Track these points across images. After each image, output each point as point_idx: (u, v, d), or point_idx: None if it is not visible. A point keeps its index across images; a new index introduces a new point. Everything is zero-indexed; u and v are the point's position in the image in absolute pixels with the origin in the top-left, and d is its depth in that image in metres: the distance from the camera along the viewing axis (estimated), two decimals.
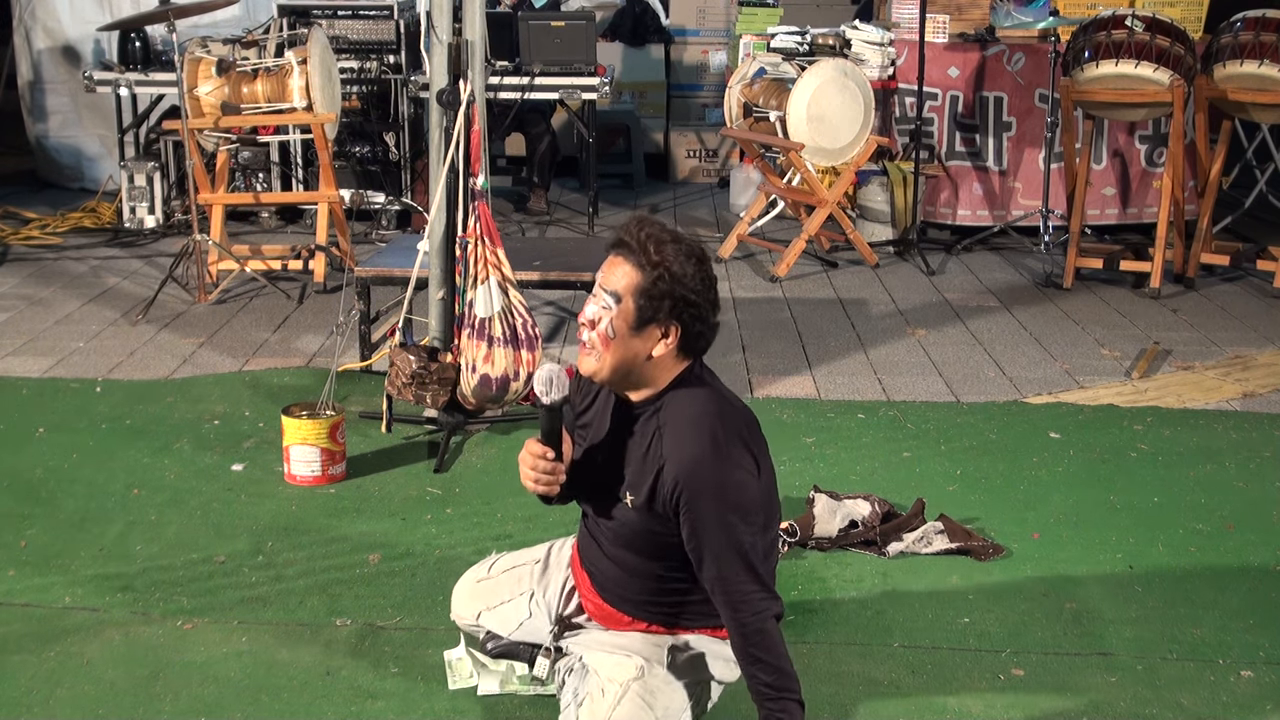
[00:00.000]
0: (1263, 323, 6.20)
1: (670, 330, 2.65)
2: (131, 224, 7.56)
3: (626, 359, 2.67)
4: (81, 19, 8.40)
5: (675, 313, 2.64)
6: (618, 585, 2.85)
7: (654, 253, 2.63)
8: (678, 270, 2.63)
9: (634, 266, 2.64)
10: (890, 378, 5.39)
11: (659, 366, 2.69)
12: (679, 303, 2.64)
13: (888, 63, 7.62)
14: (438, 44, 4.58)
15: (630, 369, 2.68)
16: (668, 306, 2.63)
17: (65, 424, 4.78)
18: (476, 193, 4.52)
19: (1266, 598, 3.63)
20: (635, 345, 2.66)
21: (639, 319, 2.64)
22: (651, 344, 2.66)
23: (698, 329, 2.68)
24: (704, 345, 2.72)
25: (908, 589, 3.66)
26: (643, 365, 2.68)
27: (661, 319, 2.64)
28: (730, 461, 2.63)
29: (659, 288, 2.62)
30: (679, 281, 2.63)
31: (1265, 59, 6.30)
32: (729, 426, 2.67)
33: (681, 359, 2.71)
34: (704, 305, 2.66)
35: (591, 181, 8.00)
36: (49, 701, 3.10)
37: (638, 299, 2.63)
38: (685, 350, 2.70)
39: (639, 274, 2.63)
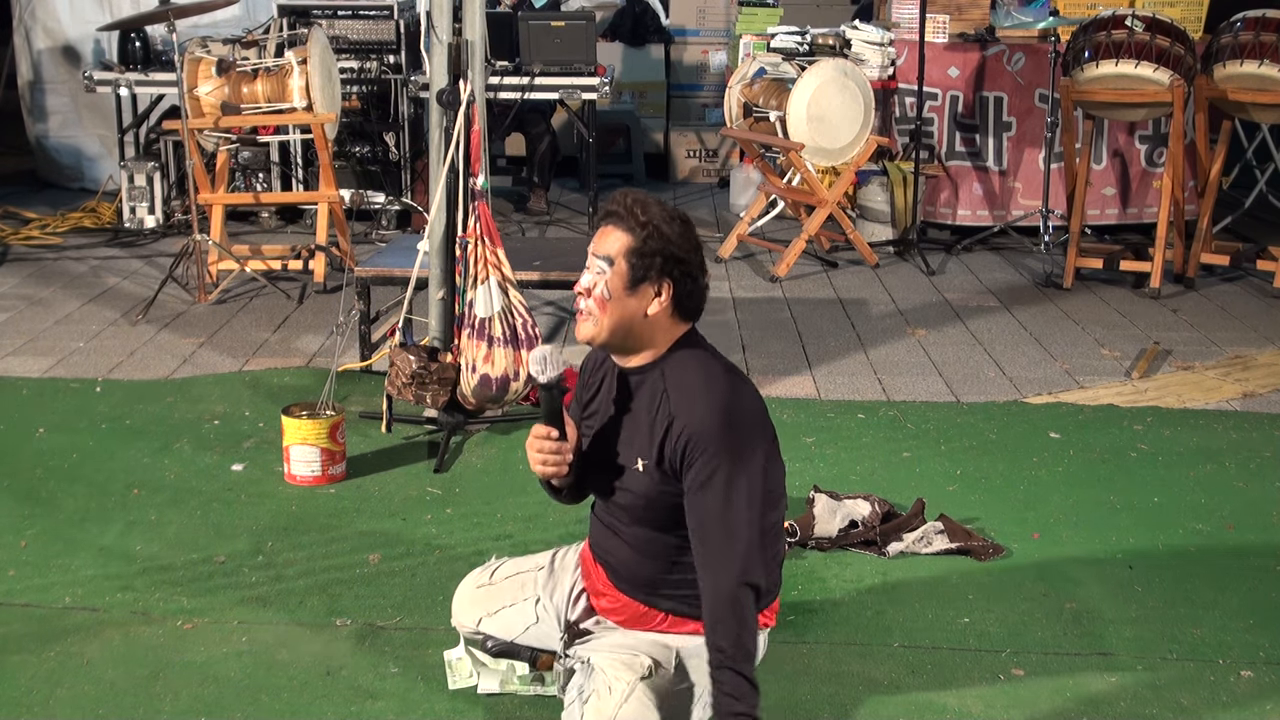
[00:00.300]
0: (1263, 323, 6.20)
1: (663, 287, 2.73)
2: (131, 224, 7.56)
3: (624, 319, 2.74)
4: (81, 19, 8.40)
5: (666, 269, 2.73)
6: (635, 570, 2.83)
7: (641, 215, 2.73)
8: (666, 230, 2.72)
9: (624, 230, 2.73)
10: (890, 378, 5.39)
11: (657, 327, 2.76)
12: (669, 260, 2.72)
13: (888, 63, 7.62)
14: (438, 44, 4.58)
15: (628, 330, 2.75)
16: (659, 264, 2.72)
17: (65, 424, 4.78)
18: (476, 193, 4.52)
19: (1266, 598, 3.63)
20: (631, 305, 2.73)
21: (632, 278, 2.72)
22: (646, 302, 2.74)
23: (689, 287, 2.76)
24: (697, 305, 2.80)
25: (908, 589, 3.66)
26: (640, 325, 2.75)
27: (654, 277, 2.72)
28: (740, 417, 2.70)
29: (649, 245, 2.71)
30: (668, 240, 2.72)
31: (1265, 59, 6.30)
32: (735, 384, 2.75)
33: (678, 321, 2.78)
34: (693, 263, 2.75)
35: (591, 181, 8.00)
36: (49, 701, 3.10)
37: (630, 259, 2.72)
38: (680, 310, 2.77)
39: (629, 236, 2.73)
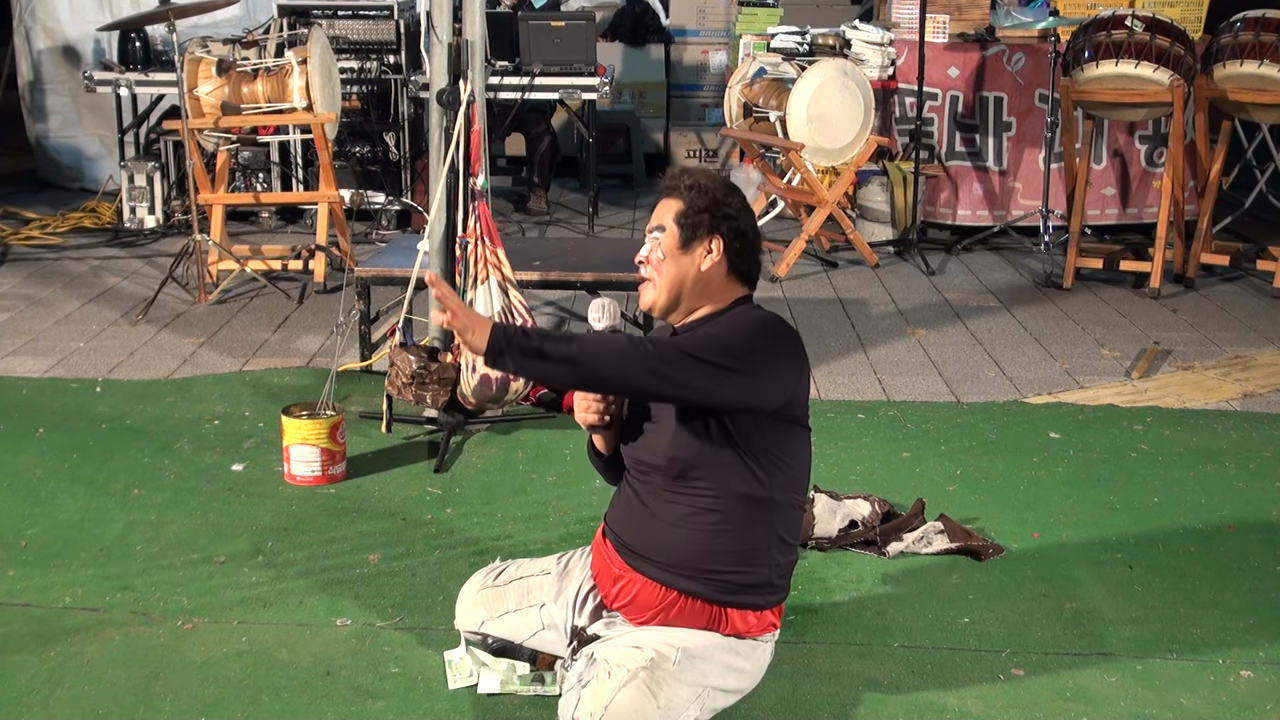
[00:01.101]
0: (1263, 323, 6.20)
1: (714, 243, 2.83)
2: (131, 224, 7.57)
3: (679, 278, 2.84)
4: (81, 19, 8.41)
5: (715, 225, 2.84)
6: (659, 544, 2.83)
7: (688, 180, 2.86)
8: (712, 190, 2.85)
9: (674, 198, 2.87)
10: (890, 378, 5.39)
11: (713, 285, 2.86)
12: (717, 218, 2.83)
13: (888, 63, 7.62)
14: (438, 44, 4.58)
15: (686, 289, 2.85)
16: (707, 220, 2.83)
17: (65, 424, 4.78)
18: (476, 193, 4.52)
19: (1266, 598, 3.63)
20: (684, 263, 2.84)
21: (684, 238, 2.83)
22: (700, 259, 2.84)
23: (738, 245, 2.85)
24: (750, 267, 2.90)
25: (908, 589, 3.66)
26: (697, 283, 2.85)
27: (703, 234, 2.83)
28: (767, 333, 2.80)
29: (696, 204, 2.83)
30: (715, 200, 2.84)
31: (1265, 59, 6.30)
32: (775, 328, 2.84)
33: (735, 282, 2.88)
34: (742, 222, 2.85)
35: (591, 181, 8.00)
36: (49, 701, 3.10)
37: (680, 221, 2.84)
38: (733, 268, 2.86)
39: (679, 201, 2.85)
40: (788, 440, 2.82)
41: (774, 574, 2.86)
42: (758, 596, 2.85)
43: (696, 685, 2.78)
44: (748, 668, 2.88)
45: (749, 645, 2.87)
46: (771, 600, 2.88)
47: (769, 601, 2.87)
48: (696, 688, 2.78)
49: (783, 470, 2.81)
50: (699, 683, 2.78)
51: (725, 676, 2.84)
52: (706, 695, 2.80)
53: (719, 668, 2.83)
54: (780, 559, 2.86)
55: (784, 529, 2.85)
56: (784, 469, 2.81)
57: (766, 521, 2.81)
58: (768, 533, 2.82)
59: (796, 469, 2.86)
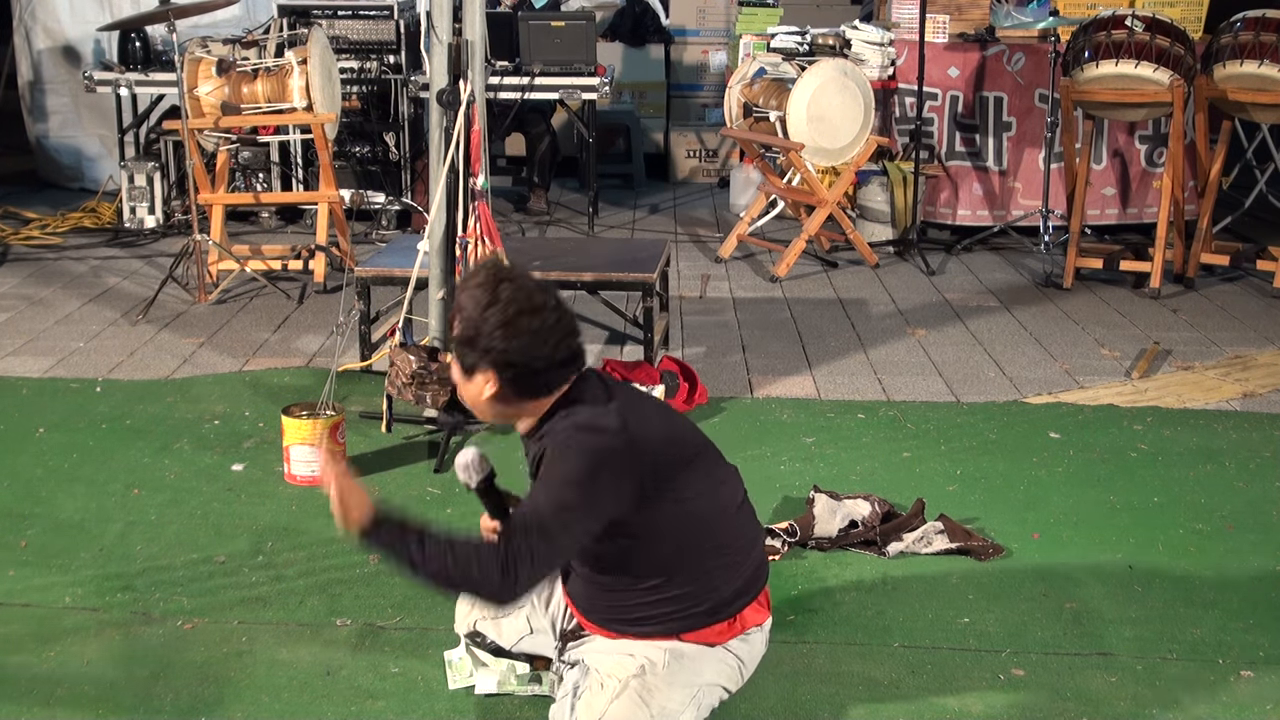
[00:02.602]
0: (1263, 323, 6.20)
1: (487, 377, 2.65)
2: (131, 224, 7.57)
3: (475, 402, 2.70)
4: (81, 19, 8.41)
5: (479, 359, 2.64)
6: (594, 602, 2.86)
7: (462, 295, 2.65)
8: (475, 317, 2.61)
9: (455, 318, 2.68)
10: (890, 378, 5.39)
11: (511, 408, 2.69)
12: (479, 351, 2.63)
13: (888, 63, 7.62)
14: (438, 44, 4.58)
15: (488, 410, 2.70)
16: (471, 354, 2.64)
17: (65, 424, 4.78)
18: (476, 193, 4.52)
19: (1266, 598, 3.63)
20: (473, 389, 2.68)
21: (462, 368, 2.67)
22: (480, 388, 2.67)
23: (511, 375, 2.64)
24: (536, 387, 2.67)
25: (908, 589, 3.66)
26: (494, 407, 2.69)
27: (473, 366, 2.65)
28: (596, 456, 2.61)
29: (462, 334, 2.65)
30: (477, 332, 2.62)
31: (1265, 59, 6.30)
32: (605, 431, 2.64)
33: (534, 401, 2.68)
34: (510, 348, 2.61)
35: (591, 181, 8.00)
36: (49, 701, 3.10)
37: (455, 349, 2.67)
38: (521, 394, 2.67)
39: (457, 325, 2.67)
40: (672, 507, 2.72)
41: (725, 594, 2.82)
42: (714, 616, 2.83)
43: (690, 686, 2.78)
44: (740, 661, 2.89)
45: (736, 642, 2.87)
46: (738, 606, 2.85)
47: (734, 609, 2.85)
48: (690, 688, 2.78)
49: (684, 526, 2.74)
50: (692, 683, 2.79)
51: (719, 672, 2.85)
52: (703, 693, 2.80)
53: (712, 664, 2.83)
54: (723, 583, 2.82)
55: (716, 561, 2.81)
56: (686, 525, 2.74)
57: (696, 566, 2.78)
58: (701, 572, 2.79)
59: (697, 513, 2.75)
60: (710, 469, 2.81)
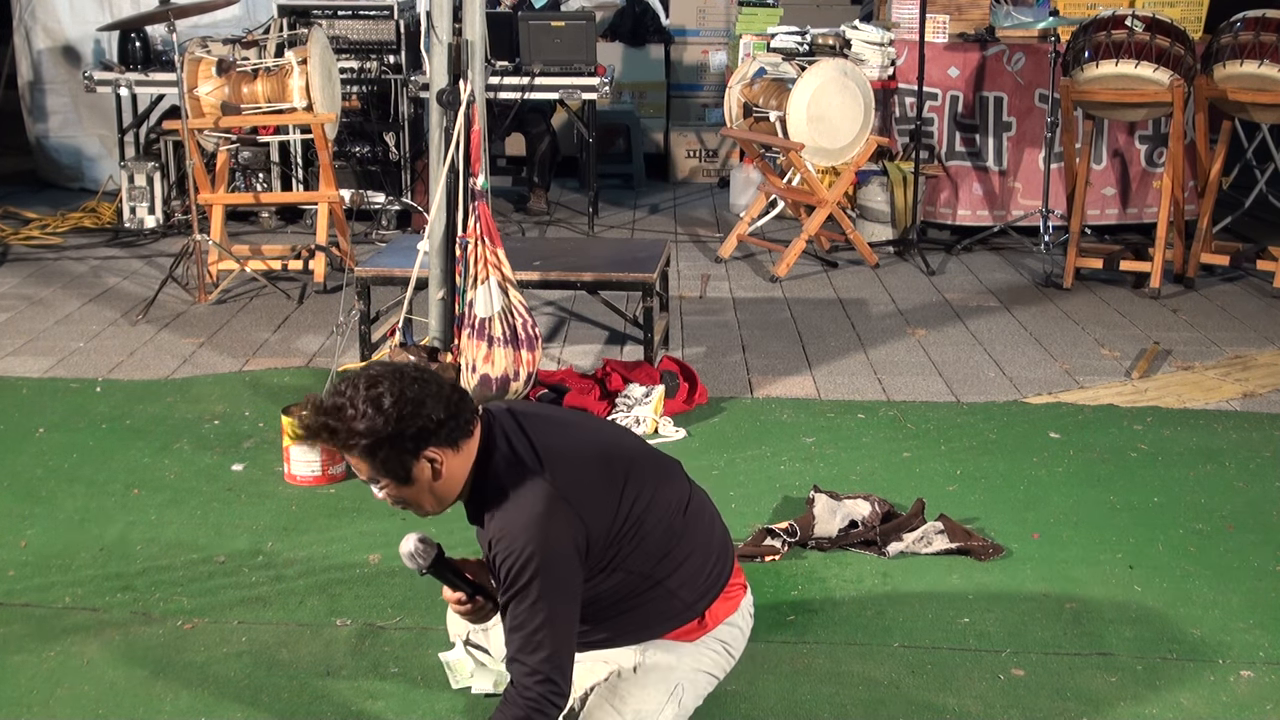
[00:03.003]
0: (1263, 323, 6.20)
1: (431, 455, 2.63)
2: (131, 224, 7.57)
3: (427, 497, 2.69)
4: (81, 19, 8.40)
5: (409, 450, 2.62)
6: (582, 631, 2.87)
7: (335, 433, 2.60)
8: (375, 428, 2.58)
9: (351, 456, 2.64)
10: (890, 378, 5.39)
11: (455, 470, 2.68)
12: (395, 446, 2.60)
13: (888, 63, 7.62)
14: (438, 44, 4.58)
15: (441, 495, 2.70)
16: (396, 455, 2.61)
17: (65, 424, 4.78)
18: (476, 193, 4.52)
19: (1266, 598, 3.63)
20: (419, 489, 2.67)
21: (401, 480, 2.65)
22: (428, 475, 2.65)
23: (442, 432, 2.63)
24: (464, 425, 2.67)
25: (908, 589, 3.66)
26: (445, 485, 2.68)
27: (410, 464, 2.63)
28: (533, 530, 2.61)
29: (381, 455, 2.61)
30: (386, 436, 2.59)
31: (1265, 59, 6.30)
32: (537, 497, 2.64)
33: (464, 446, 2.68)
34: (422, 415, 2.61)
35: (591, 181, 8.00)
36: (49, 701, 3.10)
37: (377, 471, 2.63)
38: (455, 444, 2.66)
39: (353, 456, 2.63)
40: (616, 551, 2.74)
41: (687, 598, 2.83)
42: (680, 618, 2.84)
43: (665, 684, 2.79)
44: (725, 643, 2.89)
45: (720, 629, 2.88)
46: (701, 606, 2.85)
47: (699, 610, 2.85)
48: (666, 685, 2.79)
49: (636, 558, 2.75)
50: (666, 680, 2.80)
51: (699, 660, 2.85)
52: (682, 688, 2.81)
53: (690, 656, 2.84)
54: (684, 590, 2.83)
55: (672, 576, 2.81)
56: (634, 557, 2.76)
57: (650, 589, 2.79)
58: (657, 593, 2.80)
59: (648, 544, 2.76)
60: (643, 484, 2.78)
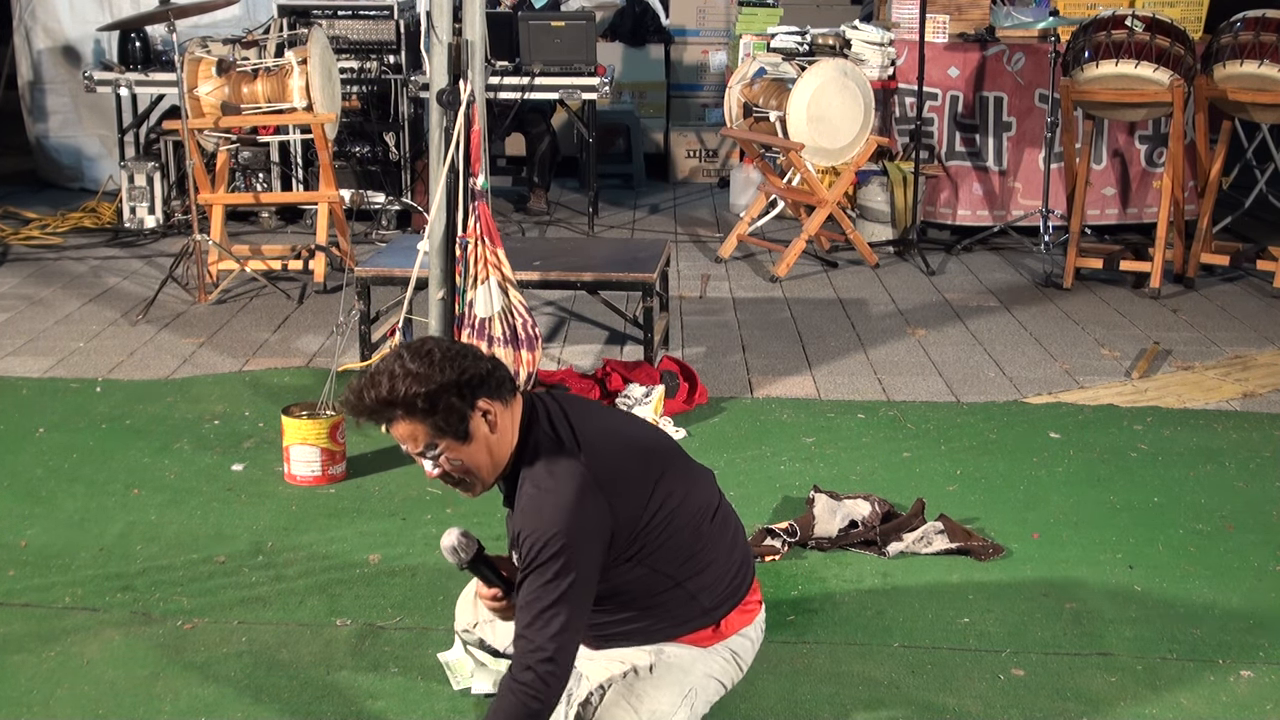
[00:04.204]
0: (1263, 323, 6.20)
1: (480, 409, 2.65)
2: (131, 224, 7.56)
3: (486, 461, 2.70)
4: (81, 19, 8.41)
5: (465, 400, 2.64)
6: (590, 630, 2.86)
7: (389, 396, 2.62)
8: (428, 388, 2.61)
9: (408, 420, 2.64)
10: (890, 378, 5.39)
11: (506, 427, 2.70)
12: (453, 395, 2.62)
13: (888, 63, 7.62)
14: (438, 44, 4.58)
15: (496, 455, 2.70)
16: (455, 405, 2.63)
17: (65, 424, 4.78)
18: (476, 193, 4.52)
19: (1266, 598, 3.63)
20: (477, 448, 2.68)
21: (457, 436, 2.65)
22: (485, 431, 2.67)
23: (491, 381, 2.66)
24: (506, 379, 2.71)
25: (908, 589, 3.66)
26: (500, 442, 2.69)
27: (468, 415, 2.64)
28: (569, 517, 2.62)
29: (431, 407, 2.62)
30: (441, 388, 2.61)
31: (1265, 59, 6.30)
32: (571, 481, 2.65)
33: (511, 404, 2.71)
34: (468, 367, 2.64)
35: (591, 181, 8.00)
36: (49, 701, 3.10)
37: (436, 432, 2.64)
38: (504, 399, 2.69)
39: (411, 420, 2.64)
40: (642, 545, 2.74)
41: (705, 603, 2.84)
42: (697, 623, 2.85)
43: (679, 685, 2.79)
44: (736, 654, 2.89)
45: (725, 642, 2.88)
46: (719, 614, 2.86)
47: (716, 617, 2.86)
48: (680, 688, 2.79)
49: (661, 555, 2.76)
50: (681, 682, 2.80)
51: (711, 668, 2.86)
52: (695, 691, 2.81)
53: (702, 662, 2.84)
54: (703, 596, 2.84)
55: (694, 579, 2.82)
56: (659, 556, 2.77)
57: (672, 590, 2.80)
58: (678, 594, 2.81)
59: (674, 544, 2.77)
60: (675, 484, 2.79)
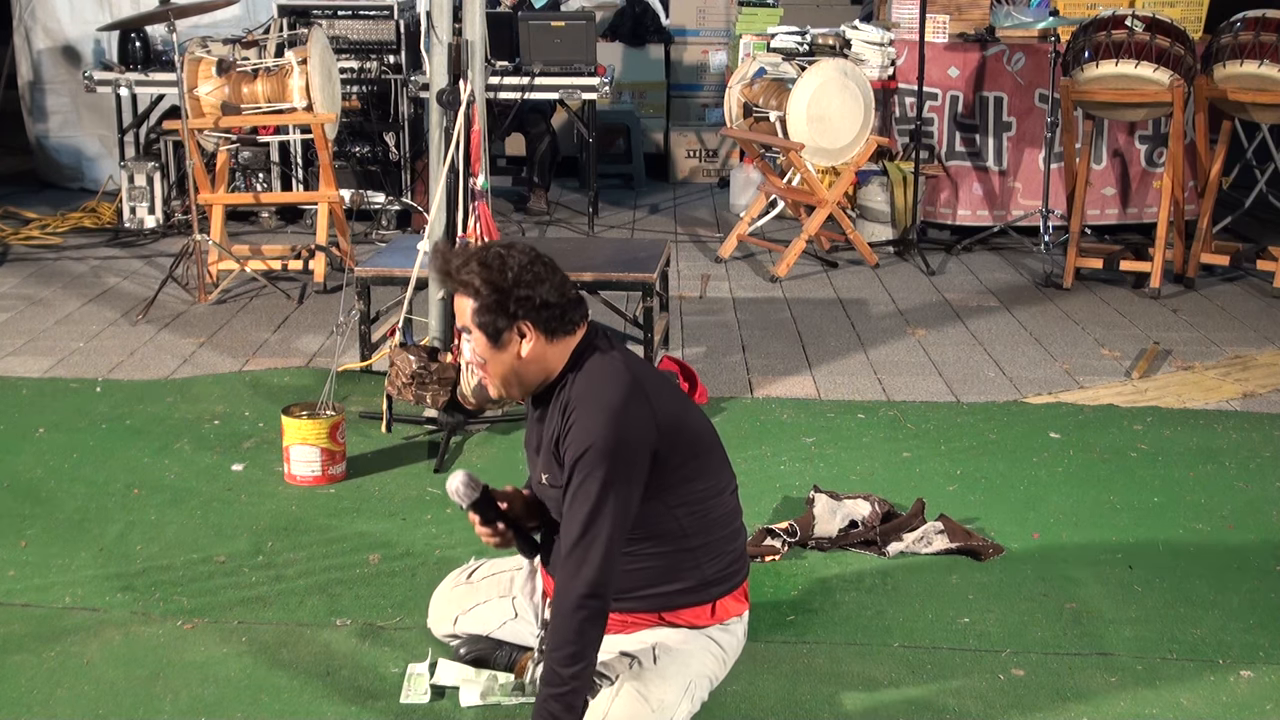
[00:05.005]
0: (1263, 323, 6.20)
1: (524, 329, 2.75)
2: (131, 224, 7.56)
3: (509, 371, 2.79)
4: (81, 19, 8.41)
5: (514, 314, 2.73)
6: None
7: (463, 275, 2.74)
8: (493, 278, 2.72)
9: (465, 296, 2.76)
10: (890, 378, 5.39)
11: (545, 359, 2.79)
12: (511, 306, 2.73)
13: (888, 63, 7.62)
14: (438, 44, 4.58)
15: (521, 375, 2.79)
16: (504, 314, 2.73)
17: (65, 424, 4.78)
18: (476, 193, 4.52)
19: (1266, 598, 3.63)
20: (505, 357, 2.77)
21: (491, 338, 2.75)
22: (516, 348, 2.76)
23: (546, 315, 2.75)
24: (567, 321, 2.78)
25: (908, 589, 3.66)
26: (527, 367, 2.78)
27: (507, 327, 2.74)
28: (626, 430, 2.69)
29: (486, 302, 2.73)
30: (500, 289, 2.72)
31: (1265, 59, 6.30)
32: (630, 392, 2.72)
33: (560, 342, 2.79)
34: (538, 291, 2.74)
35: (591, 181, 8.00)
36: (49, 701, 3.10)
37: (478, 323, 2.75)
38: (552, 334, 2.77)
39: (471, 300, 2.75)
40: (677, 475, 2.79)
41: (708, 573, 2.90)
42: (696, 595, 2.91)
43: (681, 677, 2.82)
44: (723, 650, 2.95)
45: (718, 630, 2.94)
46: (716, 592, 2.93)
47: (713, 595, 2.92)
48: (683, 679, 2.83)
49: (684, 496, 2.81)
50: (683, 674, 2.83)
51: (705, 664, 2.90)
52: (694, 686, 2.85)
53: (698, 655, 2.88)
54: (709, 566, 2.90)
55: (703, 539, 2.87)
56: (686, 494, 2.82)
57: (682, 543, 2.85)
58: (689, 545, 2.86)
59: (698, 487, 2.83)
60: (713, 451, 2.89)
